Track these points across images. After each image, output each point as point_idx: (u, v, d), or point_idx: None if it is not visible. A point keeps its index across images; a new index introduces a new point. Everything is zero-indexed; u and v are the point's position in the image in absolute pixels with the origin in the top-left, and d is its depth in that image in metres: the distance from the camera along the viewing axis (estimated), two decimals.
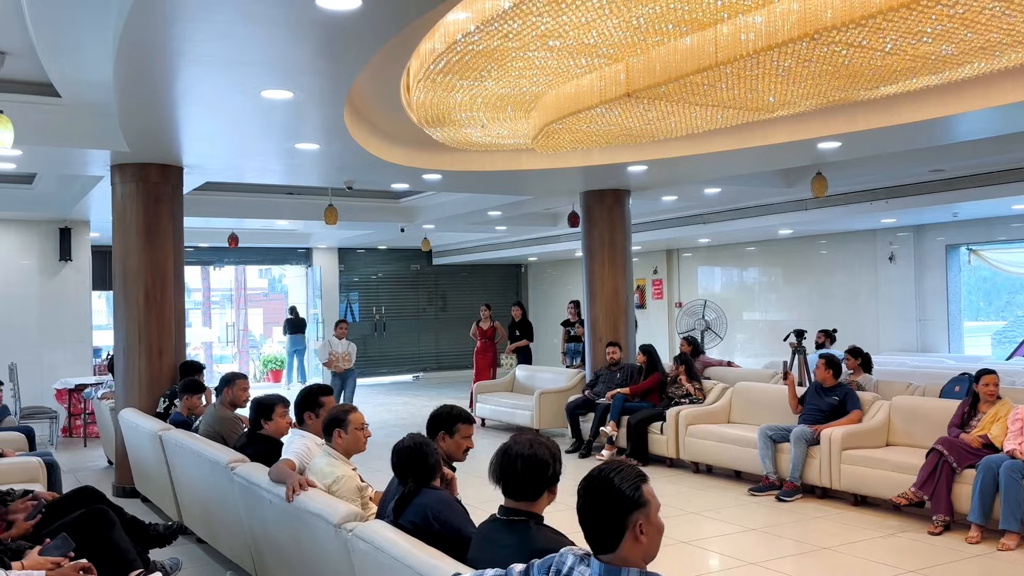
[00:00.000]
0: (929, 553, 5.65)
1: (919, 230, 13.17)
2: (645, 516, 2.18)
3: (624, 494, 2.18)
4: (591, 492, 2.23)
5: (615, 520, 2.17)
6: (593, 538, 2.22)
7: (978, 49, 4.48)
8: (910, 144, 7.68)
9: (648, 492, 2.22)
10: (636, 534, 2.16)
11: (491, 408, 11.26)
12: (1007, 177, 9.59)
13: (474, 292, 19.78)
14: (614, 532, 2.17)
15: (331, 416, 4.20)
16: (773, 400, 8.15)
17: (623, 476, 2.21)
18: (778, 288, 15.57)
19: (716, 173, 9.29)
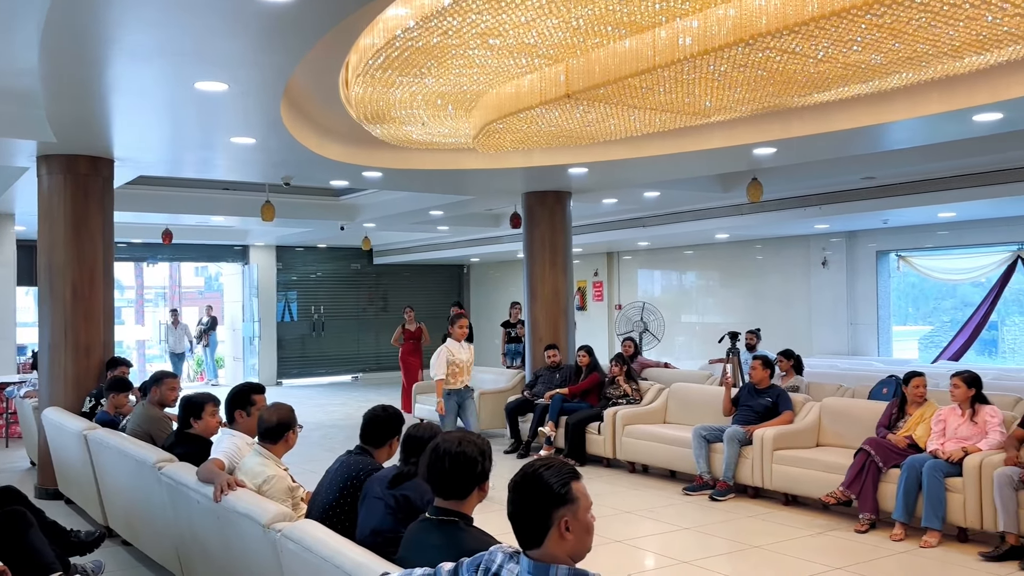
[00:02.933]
0: (855, 551, 5.79)
1: (851, 236, 13.50)
2: (572, 513, 2.17)
3: (551, 489, 2.17)
4: (520, 486, 2.23)
5: (541, 515, 2.17)
6: (520, 533, 2.22)
7: (905, 59, 4.60)
8: (842, 151, 7.86)
9: (578, 490, 2.20)
10: (561, 530, 2.16)
11: (431, 408, 11.18)
12: (934, 186, 9.90)
13: (416, 292, 19.67)
14: (540, 527, 2.17)
15: (280, 420, 4.07)
16: (708, 401, 8.27)
17: (552, 472, 2.21)
18: (715, 291, 15.81)
19: (655, 176, 9.39)
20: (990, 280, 12.09)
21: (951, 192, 9.81)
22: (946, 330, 13.14)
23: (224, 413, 4.73)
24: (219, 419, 4.99)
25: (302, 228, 14.80)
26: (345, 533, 3.29)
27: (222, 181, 11.28)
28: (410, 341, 13.08)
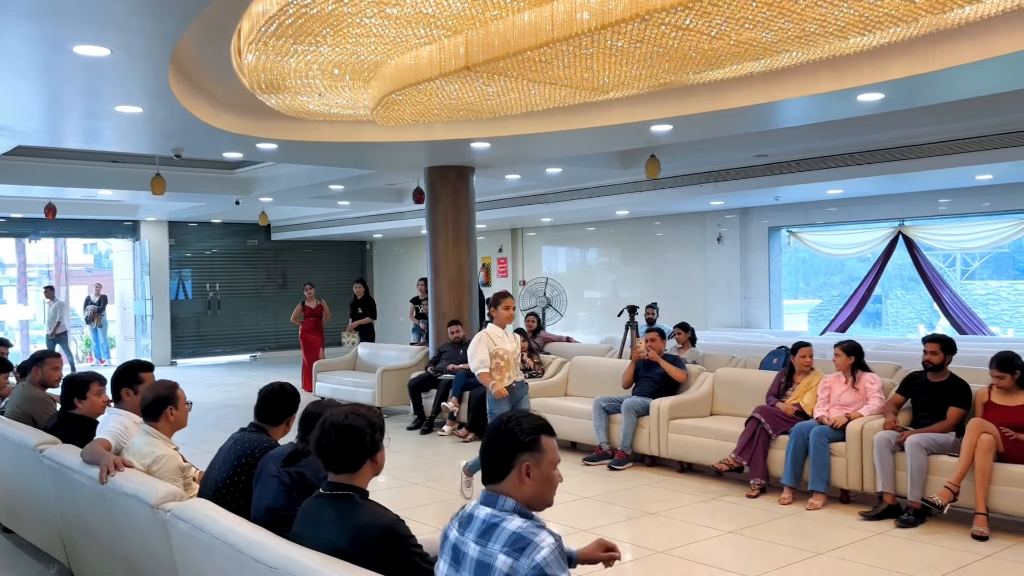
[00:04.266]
0: (746, 515, 6.01)
1: (745, 213, 13.92)
2: (535, 461, 2.37)
3: (520, 434, 2.38)
4: (495, 427, 2.45)
5: (506, 456, 2.37)
6: (486, 469, 2.43)
7: (794, 38, 4.74)
8: (736, 129, 8.07)
9: (546, 443, 2.40)
10: (522, 474, 2.35)
11: (332, 387, 11.05)
12: (823, 163, 10.28)
13: (316, 269, 19.32)
14: (503, 467, 2.37)
15: (156, 395, 3.96)
16: (608, 373, 8.42)
17: (527, 421, 2.42)
18: (616, 268, 16.08)
19: (556, 152, 9.45)
20: (875, 255, 12.67)
21: (838, 170, 10.21)
22: (834, 303, 13.72)
23: (110, 392, 4.55)
24: (105, 399, 4.79)
25: (195, 202, 14.31)
26: (240, 512, 3.22)
27: (109, 153, 10.78)
28: (310, 319, 12.85)
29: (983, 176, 10.22)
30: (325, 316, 12.96)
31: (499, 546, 2.24)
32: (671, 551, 5.20)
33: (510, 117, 7.63)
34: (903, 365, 7.13)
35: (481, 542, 2.29)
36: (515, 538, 2.24)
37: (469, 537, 2.33)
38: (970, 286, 12.94)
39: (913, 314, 13.69)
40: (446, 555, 2.39)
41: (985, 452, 5.34)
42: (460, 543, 2.35)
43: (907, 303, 13.78)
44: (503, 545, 2.24)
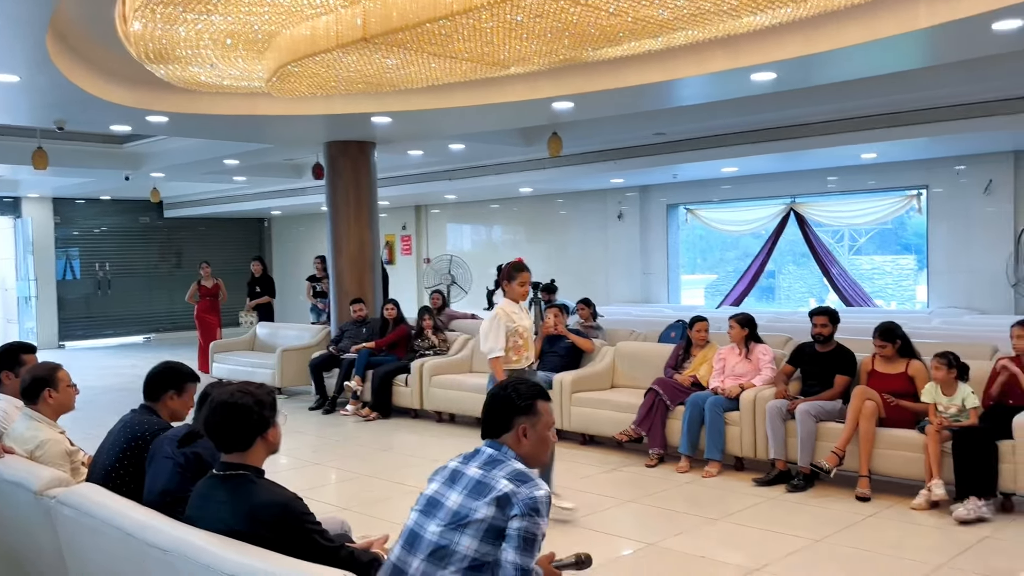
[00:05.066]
0: (645, 483, 6.17)
1: (644, 190, 14.18)
2: (531, 424, 2.62)
3: (515, 400, 2.64)
4: (495, 392, 2.70)
5: (505, 417, 2.63)
6: (486, 426, 2.68)
7: (690, 16, 4.82)
8: (635, 107, 8.19)
9: (542, 407, 2.66)
10: (519, 435, 2.61)
11: (229, 368, 10.77)
12: (718, 142, 10.55)
13: (212, 247, 18.74)
14: (502, 427, 2.63)
15: (34, 376, 3.78)
16: None
17: (524, 387, 2.69)
18: (521, 245, 16.15)
19: (459, 128, 9.40)
20: (768, 231, 13.10)
21: (733, 148, 10.50)
22: (730, 278, 14.14)
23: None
24: None
25: (82, 178, 13.64)
26: (132, 496, 3.10)
27: None
28: (206, 298, 12.48)
29: (868, 155, 10.68)
30: (222, 296, 12.61)
31: (503, 473, 2.48)
32: (573, 521, 5.28)
33: (411, 91, 7.53)
34: (794, 337, 7.41)
35: (485, 468, 2.53)
36: (518, 473, 2.50)
37: (473, 464, 2.57)
38: (857, 261, 13.52)
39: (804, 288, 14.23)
40: (439, 477, 2.61)
41: (868, 418, 5.62)
42: (461, 467, 2.58)
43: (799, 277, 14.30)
44: (507, 473, 2.48)
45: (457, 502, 2.47)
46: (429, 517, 2.51)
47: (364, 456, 7.37)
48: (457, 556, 2.40)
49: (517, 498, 2.40)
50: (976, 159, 10.59)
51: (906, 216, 12.18)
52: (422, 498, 2.60)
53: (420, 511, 2.56)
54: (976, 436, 5.22)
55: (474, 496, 2.45)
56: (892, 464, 5.60)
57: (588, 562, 2.89)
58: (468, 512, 2.43)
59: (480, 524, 2.40)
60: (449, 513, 2.47)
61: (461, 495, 2.48)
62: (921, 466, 5.39)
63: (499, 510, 2.41)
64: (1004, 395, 5.45)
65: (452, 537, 2.42)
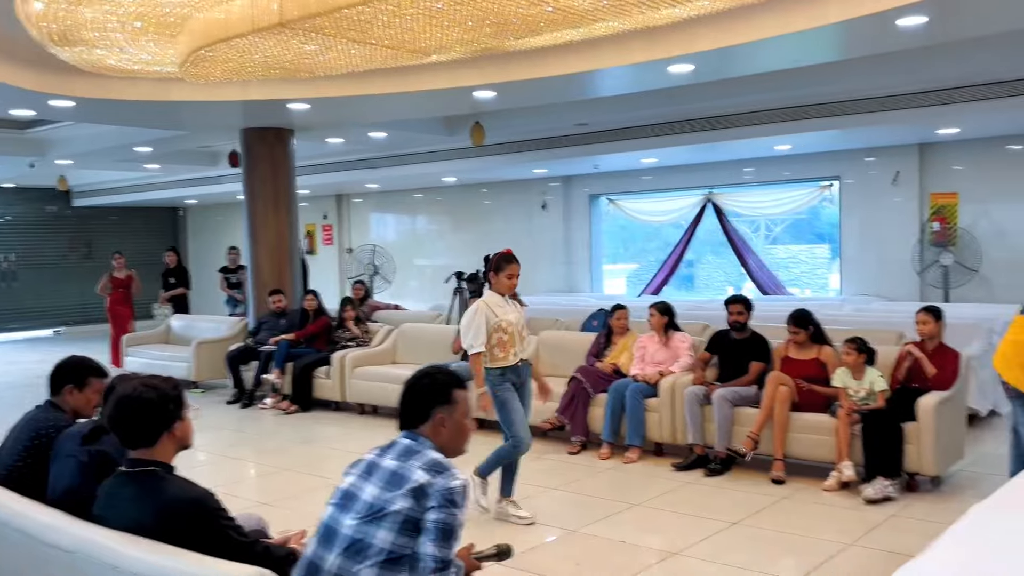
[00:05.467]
0: (569, 471, 6.22)
1: (567, 181, 14.26)
2: (448, 413, 2.62)
3: (431, 389, 2.64)
4: (412, 383, 2.70)
5: (422, 408, 2.62)
6: (403, 418, 2.67)
7: (609, 7, 4.86)
8: (557, 97, 8.22)
9: (458, 396, 2.66)
10: (437, 425, 2.61)
11: (143, 361, 10.44)
12: (637, 133, 10.67)
13: (125, 238, 18.10)
14: (419, 417, 2.62)
15: None
16: (437, 339, 8.45)
17: (440, 376, 2.70)
18: (446, 235, 16.08)
19: (380, 116, 9.29)
20: (688, 221, 13.33)
21: (652, 139, 10.63)
22: (652, 267, 14.33)
23: None
24: None
25: None
26: (36, 495, 2.97)
27: None
28: (119, 290, 12.07)
29: (783, 147, 10.96)
30: (135, 287, 12.21)
31: (418, 464, 2.47)
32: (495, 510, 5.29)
33: (331, 78, 7.40)
34: (711, 324, 7.57)
35: (401, 459, 2.51)
36: (435, 462, 2.48)
37: (389, 455, 2.55)
38: (773, 250, 13.86)
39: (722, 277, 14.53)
40: (355, 470, 2.58)
41: (782, 403, 5.78)
42: (377, 459, 2.56)
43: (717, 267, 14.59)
44: (423, 464, 2.47)
45: (373, 495, 2.44)
46: (344, 511, 2.47)
47: (284, 450, 7.24)
48: (373, 550, 2.36)
49: (433, 489, 2.39)
50: (884, 151, 10.97)
51: (819, 206, 12.55)
52: (338, 492, 2.56)
53: (336, 505, 2.52)
54: (883, 419, 5.42)
55: (390, 488, 2.42)
56: (805, 447, 5.77)
57: (508, 553, 2.90)
58: (384, 504, 2.40)
59: (396, 516, 2.37)
60: (365, 506, 2.43)
61: (377, 487, 2.45)
62: (832, 449, 5.57)
63: (415, 501, 2.38)
64: (909, 379, 5.67)
65: (368, 530, 2.39)
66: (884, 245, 11.03)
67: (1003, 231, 10.01)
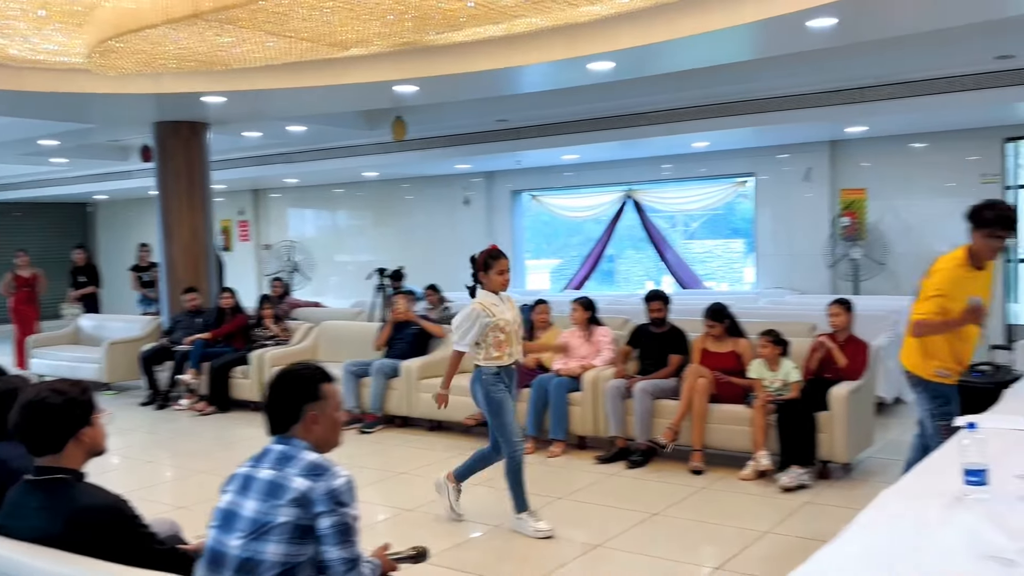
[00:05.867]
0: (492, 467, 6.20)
1: (490, 176, 14.27)
2: (320, 409, 2.51)
3: (299, 387, 2.51)
4: (276, 383, 2.55)
5: (292, 407, 2.49)
6: (272, 422, 2.53)
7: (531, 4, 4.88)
8: (479, 92, 8.21)
9: (328, 390, 2.55)
10: (308, 423, 2.49)
11: (51, 363, 10.05)
12: (558, 129, 10.74)
13: (29, 235, 17.35)
14: (289, 418, 2.49)
15: None
16: (358, 337, 8.35)
17: (305, 372, 2.56)
18: (367, 230, 15.91)
19: (299, 110, 9.13)
20: (609, 217, 13.49)
21: (574, 135, 10.72)
22: (574, 263, 14.46)
23: None
24: None
25: None
26: None
27: None
28: (23, 289, 11.59)
29: (700, 143, 11.18)
30: (40, 286, 11.73)
31: (295, 471, 2.36)
32: (420, 508, 5.28)
33: (247, 70, 7.24)
34: (632, 319, 7.68)
35: (277, 467, 2.40)
36: (313, 466, 2.38)
37: (264, 465, 2.43)
38: (690, 245, 14.14)
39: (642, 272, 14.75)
40: (232, 487, 2.45)
41: (701, 395, 5.90)
42: (252, 472, 2.44)
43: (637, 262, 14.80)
44: (300, 470, 2.36)
45: (254, 509, 2.33)
46: (228, 532, 2.36)
47: (201, 452, 7.07)
48: (265, 565, 2.28)
49: (317, 495, 2.30)
50: (797, 148, 11.29)
51: (735, 202, 12.85)
52: (217, 513, 2.42)
53: (218, 527, 2.40)
54: (797, 409, 5.59)
55: (270, 499, 2.32)
56: (723, 438, 5.91)
57: (424, 555, 2.89)
58: (268, 518, 2.30)
59: (283, 528, 2.29)
60: (248, 523, 2.33)
61: (257, 501, 2.34)
62: (749, 438, 5.72)
63: (301, 509, 2.30)
64: (822, 369, 5.86)
65: (256, 547, 2.29)
66: (797, 240, 11.37)
67: (908, 226, 10.42)
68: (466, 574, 4.21)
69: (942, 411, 4.23)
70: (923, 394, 4.36)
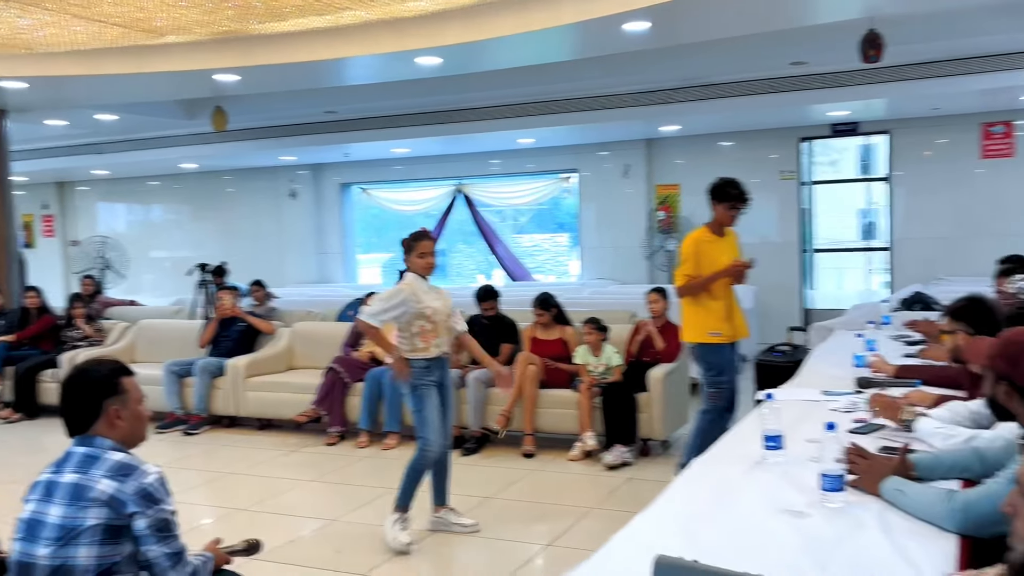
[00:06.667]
0: (327, 462, 6.18)
1: (317, 169, 14.01)
2: (122, 403, 2.41)
3: (98, 383, 2.40)
4: (72, 380, 2.44)
5: (91, 406, 2.38)
6: (71, 422, 2.41)
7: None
8: (305, 83, 8.07)
9: (128, 383, 2.44)
10: (111, 419, 2.38)
11: None
12: (388, 123, 10.73)
13: None
14: (90, 415, 2.37)
15: None
16: (179, 336, 8.02)
17: (102, 367, 2.46)
18: (185, 225, 15.22)
19: (111, 98, 8.63)
20: (440, 211, 13.59)
21: (404, 129, 10.74)
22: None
23: None
24: None
25: None
26: None
27: None
28: None
29: (526, 140, 11.49)
30: None
31: (101, 472, 2.28)
32: (252, 507, 5.17)
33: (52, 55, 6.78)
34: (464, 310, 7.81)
35: (81, 470, 2.30)
36: (120, 466, 2.30)
37: (67, 470, 2.32)
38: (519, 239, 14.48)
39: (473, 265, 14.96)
40: (35, 495, 2.33)
41: (531, 381, 6.11)
42: (55, 477, 2.32)
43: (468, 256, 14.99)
44: (106, 471, 2.28)
45: (60, 515, 2.24)
46: (34, 542, 2.25)
47: (6, 461, 6.58)
48: (79, 570, 2.20)
49: (126, 495, 2.24)
50: (616, 145, 11.82)
51: (560, 197, 13.28)
52: (21, 524, 2.30)
53: (22, 539, 2.28)
54: (620, 391, 5.91)
55: (77, 503, 2.24)
56: (552, 421, 6.15)
57: (257, 547, 2.88)
58: (76, 523, 2.22)
59: (94, 530, 2.22)
60: (55, 529, 2.23)
61: (63, 507, 2.25)
62: (576, 421, 5.98)
63: (112, 511, 2.23)
64: (641, 352, 6.22)
65: (67, 553, 2.21)
66: (617, 233, 11.90)
67: None
68: (301, 567, 4.19)
69: (713, 380, 4.98)
70: (699, 362, 5.06)
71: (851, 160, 12.14)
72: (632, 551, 2.04)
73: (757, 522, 2.25)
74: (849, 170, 12.11)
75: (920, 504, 2.21)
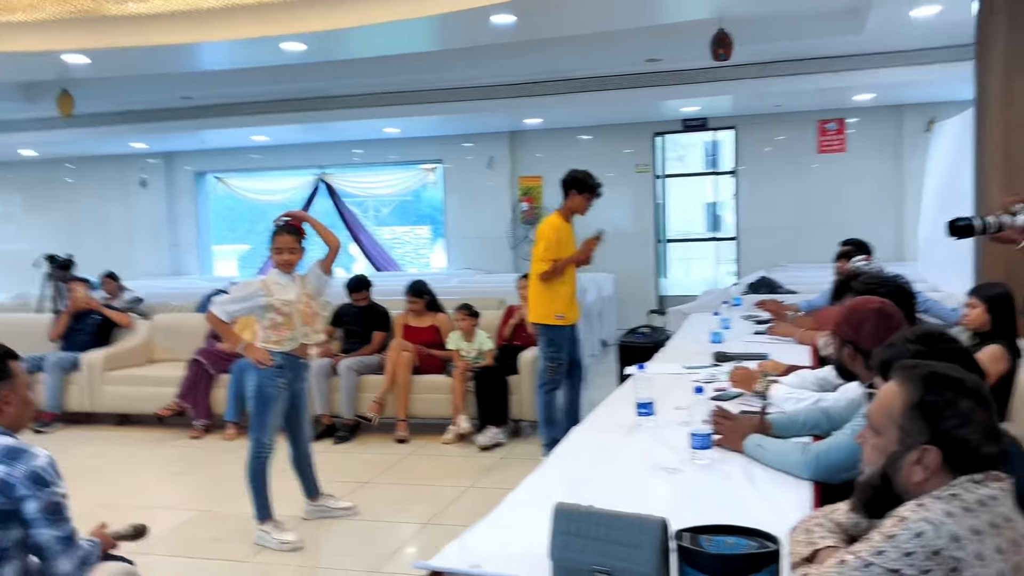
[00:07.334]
0: (191, 456, 6.04)
1: (169, 157, 13.45)
2: (11, 388, 2.36)
3: None
4: None
5: None
6: None
7: None
8: (160, 67, 7.79)
9: (15, 367, 2.40)
10: (1, 404, 2.34)
11: None
12: (246, 110, 10.44)
13: None
14: None
15: None
16: (25, 330, 7.56)
17: None
18: (18, 217, 14.25)
19: None
20: (302, 201, 13.34)
21: (263, 116, 10.48)
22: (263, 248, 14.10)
23: None
24: None
25: None
26: None
27: None
28: None
29: (391, 129, 11.46)
30: None
31: None
32: (111, 504, 4.98)
33: None
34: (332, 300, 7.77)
35: None
36: (8, 450, 2.26)
37: None
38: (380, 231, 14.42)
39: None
40: None
41: (404, 368, 6.18)
42: None
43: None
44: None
45: None
46: None
47: None
48: None
49: (16, 479, 2.21)
50: (480, 137, 11.98)
51: (423, 188, 13.33)
52: None
53: None
54: (492, 375, 6.07)
55: None
56: (426, 406, 6.24)
57: (144, 532, 2.86)
58: None
59: None
60: None
61: None
62: (449, 405, 6.10)
63: (1, 496, 2.20)
64: (512, 337, 6.40)
65: None
66: (482, 223, 12.07)
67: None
68: (180, 558, 4.11)
69: (552, 356, 5.43)
70: (542, 339, 5.45)
71: (698, 154, 12.81)
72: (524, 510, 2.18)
73: (635, 478, 2.44)
74: (696, 164, 12.78)
75: (779, 457, 2.46)
